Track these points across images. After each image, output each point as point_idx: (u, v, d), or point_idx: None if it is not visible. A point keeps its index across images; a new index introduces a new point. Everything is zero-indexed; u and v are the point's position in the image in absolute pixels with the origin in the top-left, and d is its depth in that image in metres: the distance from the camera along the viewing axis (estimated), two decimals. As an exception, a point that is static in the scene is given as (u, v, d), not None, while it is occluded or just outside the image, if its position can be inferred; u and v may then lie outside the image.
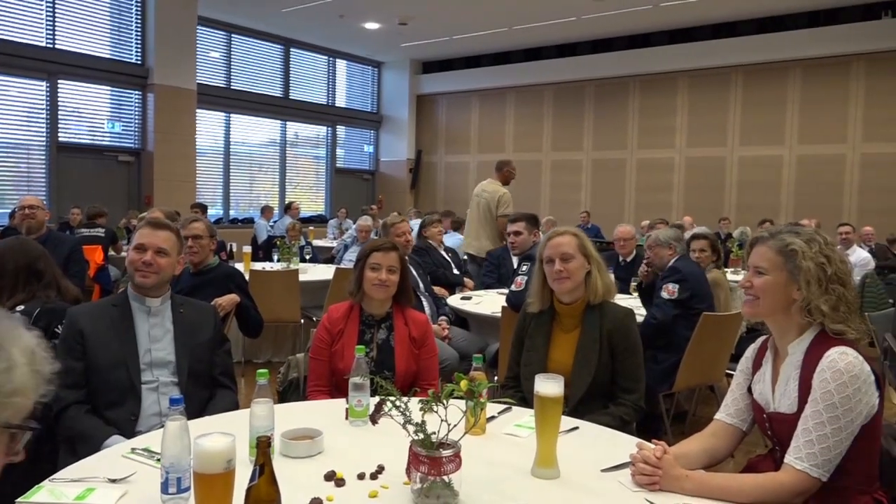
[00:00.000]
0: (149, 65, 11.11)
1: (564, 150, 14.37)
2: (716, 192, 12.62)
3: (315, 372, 2.66)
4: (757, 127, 12.24)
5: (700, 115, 12.78)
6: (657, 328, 4.06)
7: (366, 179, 16.59)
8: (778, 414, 1.79)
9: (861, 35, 11.04)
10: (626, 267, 5.75)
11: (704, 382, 4.26)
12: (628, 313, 2.60)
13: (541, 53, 14.34)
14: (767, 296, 1.80)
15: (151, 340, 2.39)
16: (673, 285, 4.10)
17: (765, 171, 12.16)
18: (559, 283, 2.55)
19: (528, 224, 4.60)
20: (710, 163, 12.70)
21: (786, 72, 11.90)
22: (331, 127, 15.49)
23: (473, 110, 15.62)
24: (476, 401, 1.67)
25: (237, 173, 13.71)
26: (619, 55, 13.27)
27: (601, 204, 13.68)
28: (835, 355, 1.67)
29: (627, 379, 2.51)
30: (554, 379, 1.78)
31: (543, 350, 2.59)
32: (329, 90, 15.47)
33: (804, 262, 1.74)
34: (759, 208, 11.72)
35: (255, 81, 13.80)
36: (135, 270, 2.41)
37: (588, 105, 14.07)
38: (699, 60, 12.46)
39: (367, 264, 2.73)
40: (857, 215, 11.16)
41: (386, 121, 16.49)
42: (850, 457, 1.67)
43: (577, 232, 2.65)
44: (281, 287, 5.70)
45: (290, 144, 14.82)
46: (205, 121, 12.67)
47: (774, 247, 1.80)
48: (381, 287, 2.69)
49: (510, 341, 2.78)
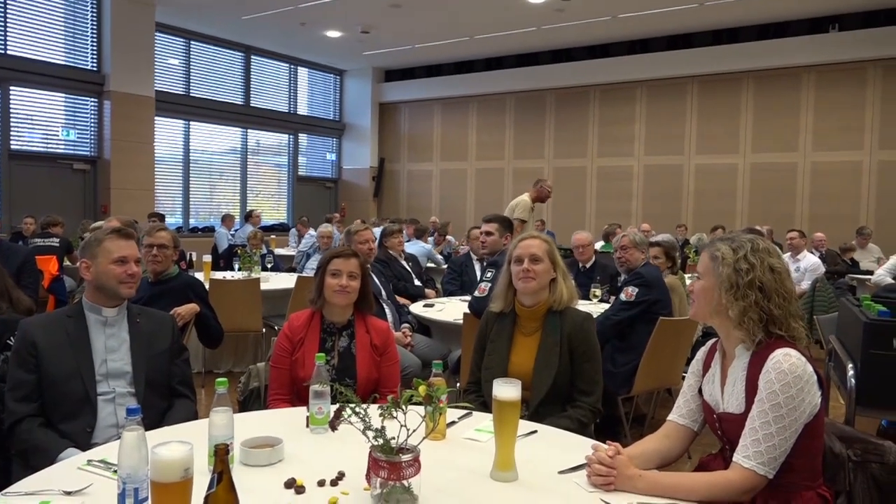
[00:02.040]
0: (105, 71, 10.91)
1: (526, 158, 14.53)
2: (674, 200, 12.88)
3: (276, 381, 2.65)
4: (712, 136, 12.55)
5: (658, 124, 13.05)
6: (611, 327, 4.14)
7: (328, 187, 16.52)
8: (727, 414, 1.85)
9: (810, 48, 11.42)
10: (586, 273, 5.84)
11: (662, 386, 4.35)
12: (587, 317, 2.66)
13: (502, 63, 14.50)
14: (700, 299, 1.90)
15: (108, 351, 2.36)
16: (633, 289, 4.18)
17: (720, 179, 12.46)
18: (524, 282, 2.60)
19: (501, 226, 4.56)
20: (667, 171, 12.97)
21: (739, 82, 12.23)
22: (292, 135, 15.41)
23: (436, 118, 15.70)
24: (435, 406, 1.70)
25: (197, 181, 13.54)
26: (579, 65, 13.49)
27: (562, 211, 13.84)
28: (779, 356, 1.73)
29: (586, 382, 2.56)
30: (511, 383, 1.81)
31: (504, 354, 2.63)
32: (291, 98, 15.39)
33: (721, 268, 1.84)
34: (715, 215, 12.00)
35: (215, 89, 13.66)
36: (119, 284, 2.40)
37: (549, 114, 14.25)
38: (656, 71, 12.73)
39: (327, 271, 2.74)
40: (808, 222, 11.51)
41: (348, 129, 16.46)
42: (795, 454, 1.73)
43: (547, 239, 2.73)
44: (242, 296, 5.67)
45: (252, 152, 14.70)
46: (163, 128, 12.49)
47: (708, 253, 1.91)
48: (341, 293, 2.70)
49: (472, 347, 2.82)
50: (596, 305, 4.99)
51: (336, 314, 2.75)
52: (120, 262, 2.41)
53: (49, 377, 2.25)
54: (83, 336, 2.35)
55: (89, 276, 2.42)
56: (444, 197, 15.56)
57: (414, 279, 6.20)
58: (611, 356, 4.17)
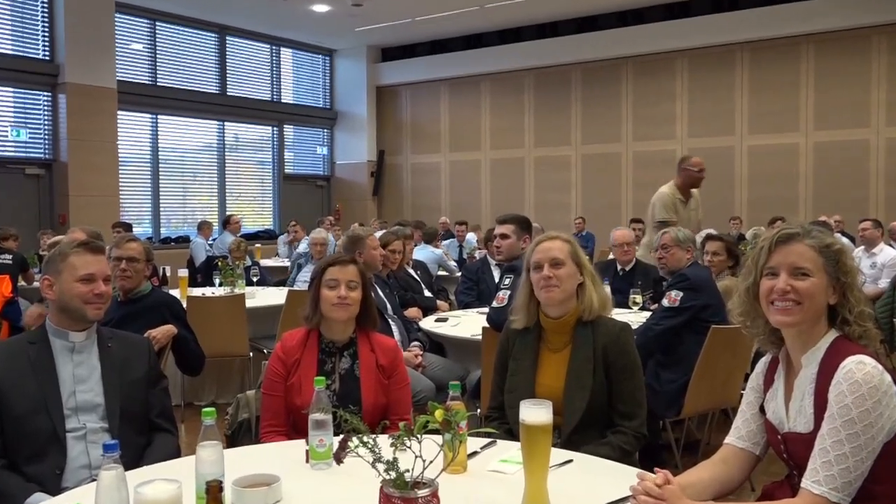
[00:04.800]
0: (59, 61, 11.03)
1: (550, 146, 14.54)
2: (724, 188, 12.81)
3: (269, 410, 2.68)
4: (768, 112, 12.50)
5: (703, 100, 13.02)
6: (654, 339, 4.14)
7: (320, 186, 16.60)
8: (793, 434, 1.86)
9: (877, 7, 11.33)
10: (625, 277, 5.83)
11: (717, 406, 4.33)
12: (624, 327, 2.67)
13: (519, 35, 14.52)
14: (813, 301, 1.83)
15: (76, 381, 2.39)
16: (677, 293, 4.18)
17: (778, 162, 12.40)
18: (547, 291, 2.61)
19: (518, 228, 4.48)
20: (716, 154, 12.88)
21: (797, 48, 12.18)
22: (277, 127, 15.50)
23: (443, 102, 15.74)
24: (454, 433, 1.72)
25: (168, 184, 13.64)
26: (609, 34, 13.48)
27: (594, 206, 13.84)
28: (851, 365, 1.73)
29: (626, 403, 2.57)
30: (541, 404, 1.83)
31: (530, 374, 2.64)
32: (273, 84, 15.48)
33: (850, 263, 1.83)
34: (773, 204, 11.89)
35: (186, 76, 13.77)
36: (85, 304, 2.43)
37: (575, 93, 14.26)
38: (700, 37, 12.70)
39: (322, 282, 2.76)
40: (884, 208, 11.40)
41: (341, 118, 16.54)
42: (876, 479, 1.73)
43: (569, 238, 2.73)
44: (225, 316, 5.69)
45: (230, 148, 14.80)
46: (128, 124, 12.60)
47: (815, 245, 1.85)
48: (341, 306, 2.72)
49: (493, 366, 2.83)
50: (636, 315, 4.99)
51: (335, 331, 2.78)
52: (86, 280, 2.43)
53: (10, 413, 2.28)
54: (48, 365, 2.39)
55: (52, 296, 2.45)
56: (454, 194, 15.61)
57: (423, 289, 6.23)
58: (655, 373, 4.16)
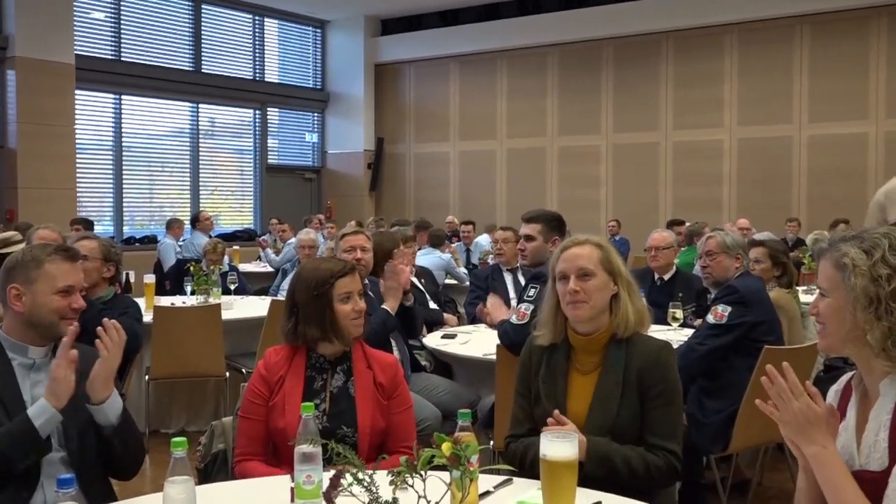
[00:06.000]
0: (7, 32, 11.08)
1: (576, 134, 14.51)
2: (780, 185, 12.77)
3: (245, 434, 2.70)
4: (832, 96, 12.44)
5: (756, 82, 12.96)
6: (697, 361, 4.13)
7: (309, 179, 16.63)
8: (864, 472, 1.85)
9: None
10: (664, 288, 5.82)
11: (771, 440, 4.31)
12: (663, 347, 2.67)
13: (541, 5, 14.53)
14: (832, 323, 1.89)
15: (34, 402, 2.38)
16: (724, 307, 4.16)
17: (844, 154, 12.33)
18: (573, 307, 2.60)
19: (546, 227, 4.39)
20: (771, 145, 12.88)
21: (867, 21, 12.14)
22: (259, 110, 15.51)
23: (452, 83, 15.73)
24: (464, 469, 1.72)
25: (133, 176, 13.66)
26: (646, 4, 13.47)
27: (628, 205, 13.79)
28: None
29: (659, 434, 2.55)
30: (565, 437, 1.83)
31: (561, 401, 2.63)
32: (256, 61, 15.50)
33: (852, 279, 1.84)
34: (838, 204, 11.80)
35: (155, 51, 13.79)
36: (61, 319, 2.46)
37: (606, 73, 14.22)
38: (751, 9, 12.68)
39: (334, 296, 2.76)
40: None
41: (334, 100, 16.56)
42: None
43: (600, 242, 2.72)
44: (197, 329, 5.67)
45: (205, 135, 14.82)
46: (87, 105, 12.63)
47: (831, 260, 1.90)
48: (360, 321, 2.78)
49: (510, 391, 2.83)
50: (677, 332, 4.97)
51: (329, 346, 2.80)
52: (65, 292, 2.47)
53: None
54: (10, 384, 2.41)
55: (20, 308, 2.46)
56: (465, 189, 15.58)
57: (428, 301, 6.22)
58: (698, 401, 4.15)
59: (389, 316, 4.34)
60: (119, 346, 2.43)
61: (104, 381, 2.40)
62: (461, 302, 7.17)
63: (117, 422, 2.44)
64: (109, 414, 2.42)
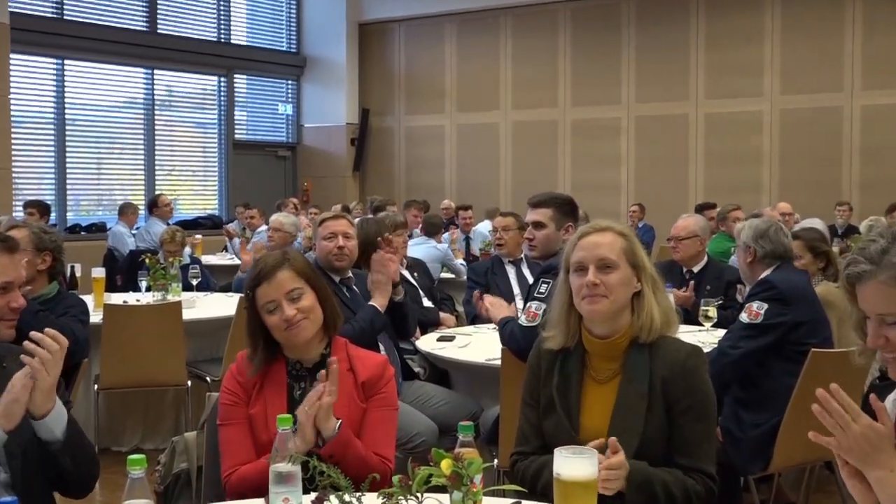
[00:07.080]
0: (-67, -14, 11.07)
1: (593, 104, 14.52)
2: (829, 163, 12.78)
3: (232, 443, 2.69)
4: (887, 59, 12.42)
5: (800, 44, 12.97)
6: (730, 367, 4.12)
7: (282, 157, 16.63)
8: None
9: None
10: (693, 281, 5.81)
11: (818, 458, 4.32)
12: (693, 352, 2.66)
13: (550, -45, 14.54)
14: None
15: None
16: (759, 304, 4.14)
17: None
18: (591, 302, 2.58)
19: (557, 212, 4.34)
20: (818, 116, 12.87)
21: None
22: (225, 77, 15.49)
23: (448, 45, 15.72)
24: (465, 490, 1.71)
25: (78, 153, 13.66)
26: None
27: (653, 186, 13.79)
28: None
29: (691, 455, 2.54)
30: (581, 454, 1.83)
31: (574, 413, 2.63)
32: (221, 20, 15.48)
33: None
34: (895, 184, 11.82)
35: (103, 8, 13.75)
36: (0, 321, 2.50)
37: (627, 32, 14.21)
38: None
39: (259, 307, 2.76)
40: None
41: (311, 65, 16.54)
42: None
43: (623, 230, 2.71)
44: (154, 331, 5.67)
45: (162, 105, 14.82)
46: (24, 71, 12.62)
47: (889, 278, 1.86)
48: (294, 329, 2.72)
49: (517, 402, 2.83)
50: (709, 333, 4.97)
51: (300, 351, 2.81)
52: (2, 289, 2.49)
53: None
54: None
55: None
56: (463, 169, 15.59)
57: (422, 297, 6.22)
58: (734, 414, 4.16)
59: (377, 314, 4.33)
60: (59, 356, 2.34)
61: (45, 393, 2.35)
62: (459, 299, 7.16)
63: (63, 436, 2.40)
64: (54, 428, 2.39)
